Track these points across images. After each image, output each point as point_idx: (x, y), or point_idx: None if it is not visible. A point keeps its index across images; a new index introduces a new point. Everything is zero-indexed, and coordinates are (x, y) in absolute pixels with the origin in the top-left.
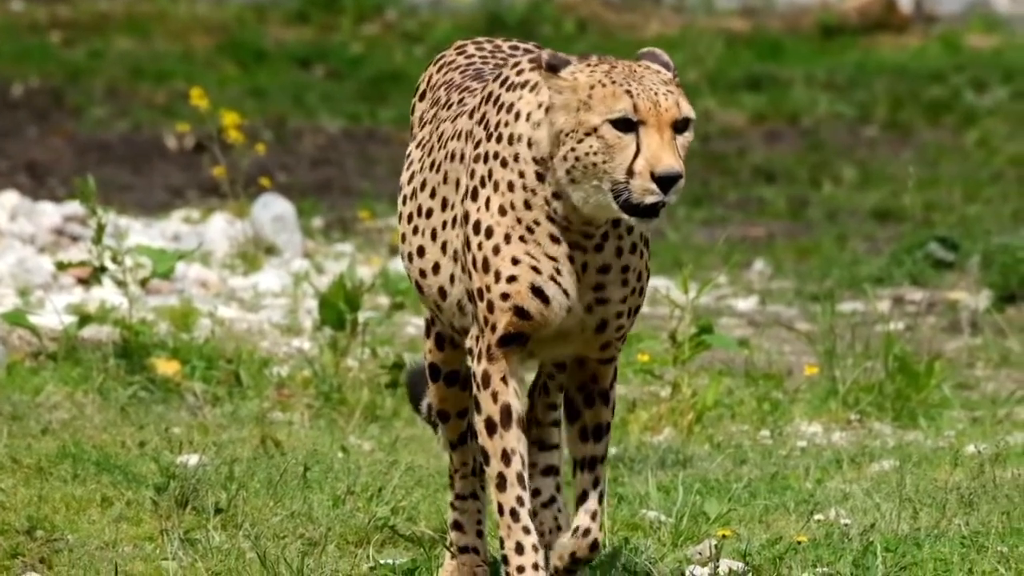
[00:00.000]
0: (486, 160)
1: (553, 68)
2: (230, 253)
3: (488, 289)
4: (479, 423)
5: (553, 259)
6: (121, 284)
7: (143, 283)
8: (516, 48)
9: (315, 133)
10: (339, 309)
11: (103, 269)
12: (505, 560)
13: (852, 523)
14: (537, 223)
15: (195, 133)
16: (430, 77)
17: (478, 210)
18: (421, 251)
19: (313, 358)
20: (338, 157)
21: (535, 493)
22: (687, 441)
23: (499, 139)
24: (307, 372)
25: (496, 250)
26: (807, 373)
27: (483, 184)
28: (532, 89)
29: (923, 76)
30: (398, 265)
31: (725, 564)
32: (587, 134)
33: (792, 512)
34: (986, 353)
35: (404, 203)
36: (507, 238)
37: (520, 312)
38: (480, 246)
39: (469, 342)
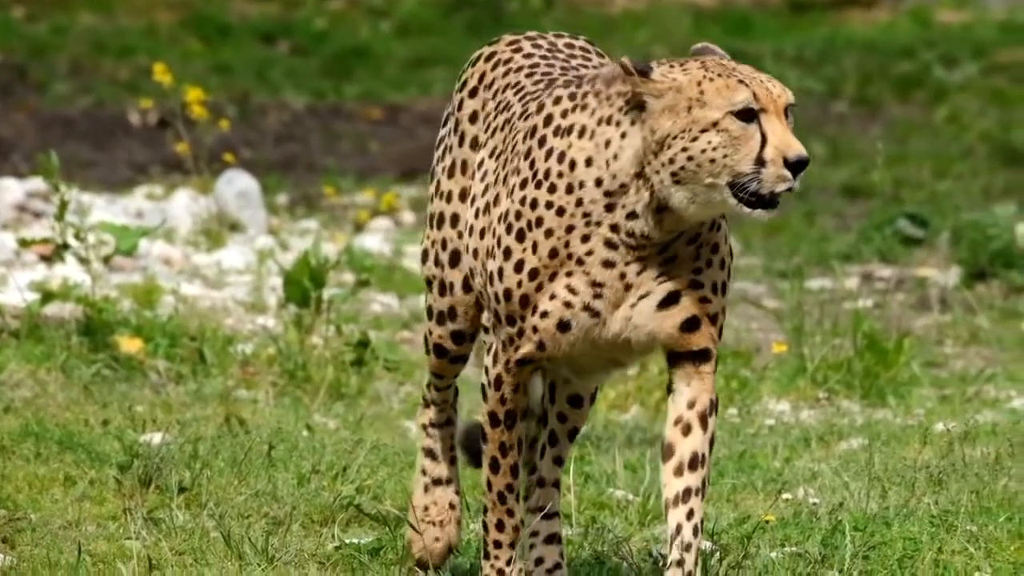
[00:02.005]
0: (534, 207)
1: (644, 73)
2: (194, 230)
3: (522, 319)
4: (484, 408)
5: (599, 285)
6: (84, 261)
7: (106, 260)
8: (571, 46)
9: (279, 109)
10: (304, 286)
11: (66, 246)
12: (485, 528)
13: (820, 502)
14: (591, 253)
15: (159, 109)
16: (482, 74)
17: (523, 251)
18: None
19: (278, 336)
20: (303, 133)
21: (538, 561)
22: (654, 419)
23: (552, 189)
24: (271, 350)
25: (540, 288)
26: (775, 351)
27: (530, 228)
28: (582, 135)
29: (893, 51)
30: (363, 242)
31: None
32: (704, 130)
33: (760, 491)
34: (955, 330)
35: (476, 216)
36: (552, 277)
37: (540, 346)
38: (520, 284)
39: (489, 338)
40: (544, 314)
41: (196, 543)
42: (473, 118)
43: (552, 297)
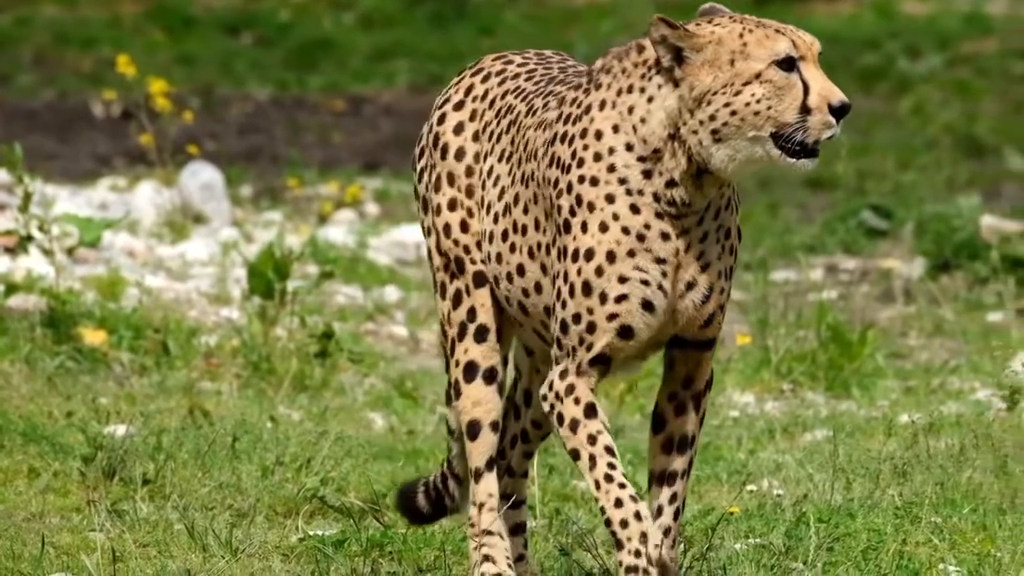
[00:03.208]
0: (570, 190)
1: (684, 28)
2: (157, 222)
3: (591, 311)
4: (564, 431)
5: (663, 261)
6: (48, 253)
7: (70, 252)
8: (560, 54)
9: (243, 101)
10: (268, 278)
11: (30, 238)
12: (608, 522)
13: (785, 493)
14: (648, 226)
15: (122, 101)
16: (470, 86)
17: (574, 238)
18: (521, 270)
19: (241, 327)
20: (266, 125)
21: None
22: (618, 411)
23: (581, 163)
24: (235, 341)
25: (599, 271)
26: (739, 342)
27: (573, 213)
28: (603, 107)
29: (857, 43)
30: (327, 233)
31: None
32: (747, 83)
33: (724, 483)
34: (919, 322)
35: (496, 221)
36: (611, 256)
37: (625, 332)
38: (580, 271)
39: (544, 388)
40: (621, 297)
41: (160, 535)
42: (458, 129)
43: (623, 280)
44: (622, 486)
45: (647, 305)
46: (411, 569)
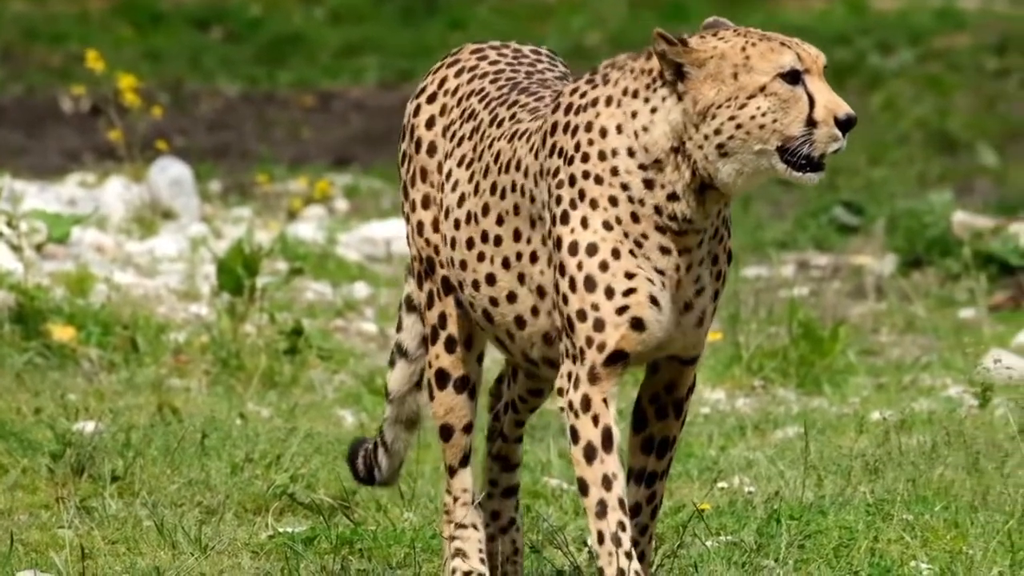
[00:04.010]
0: (572, 183)
1: (684, 43)
2: (126, 217)
3: (596, 307)
4: (577, 452)
5: (661, 272)
6: (16, 249)
7: (38, 248)
8: (537, 52)
9: (212, 96)
10: (237, 274)
11: None
12: None
13: (756, 491)
14: (646, 236)
15: (91, 96)
16: (443, 79)
17: (572, 231)
18: (491, 279)
19: (211, 324)
20: (236, 120)
21: (494, 515)
22: None
23: (585, 158)
24: (205, 338)
25: (604, 266)
26: (710, 338)
27: (574, 206)
28: (609, 103)
29: (828, 38)
30: (296, 230)
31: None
32: (751, 96)
33: (695, 480)
34: (891, 318)
35: (457, 227)
36: (615, 253)
37: (637, 324)
38: (581, 266)
39: (560, 381)
40: (630, 291)
41: (129, 532)
42: (430, 123)
43: (630, 276)
44: (628, 556)
45: (654, 300)
46: (381, 566)
